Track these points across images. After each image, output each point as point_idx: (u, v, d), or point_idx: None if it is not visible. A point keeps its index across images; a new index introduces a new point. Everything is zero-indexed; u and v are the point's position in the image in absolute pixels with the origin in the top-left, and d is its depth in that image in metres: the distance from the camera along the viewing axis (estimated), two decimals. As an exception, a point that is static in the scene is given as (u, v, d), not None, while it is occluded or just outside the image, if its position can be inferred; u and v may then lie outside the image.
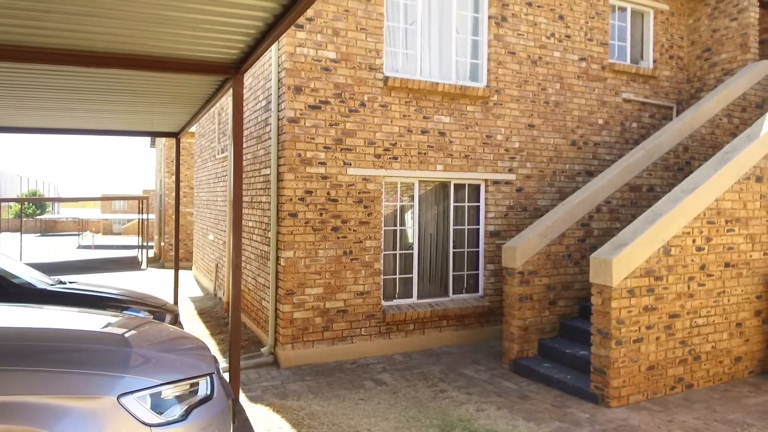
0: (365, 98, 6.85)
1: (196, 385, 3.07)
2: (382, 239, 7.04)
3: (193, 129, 15.19)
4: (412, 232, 7.35)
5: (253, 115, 7.91)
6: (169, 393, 2.92)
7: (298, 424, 4.69)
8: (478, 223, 7.76)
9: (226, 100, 10.22)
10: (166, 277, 14.34)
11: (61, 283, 6.01)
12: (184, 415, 2.89)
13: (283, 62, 6.50)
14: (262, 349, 6.74)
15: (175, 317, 5.79)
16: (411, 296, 7.32)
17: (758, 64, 8.47)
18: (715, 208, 5.79)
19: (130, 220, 42.90)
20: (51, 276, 6.32)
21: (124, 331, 3.63)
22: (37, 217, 45.46)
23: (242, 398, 5.34)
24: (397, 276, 7.25)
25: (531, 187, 7.95)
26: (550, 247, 6.63)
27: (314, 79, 6.57)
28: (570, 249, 6.79)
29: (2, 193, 41.17)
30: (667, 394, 5.53)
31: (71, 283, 6.07)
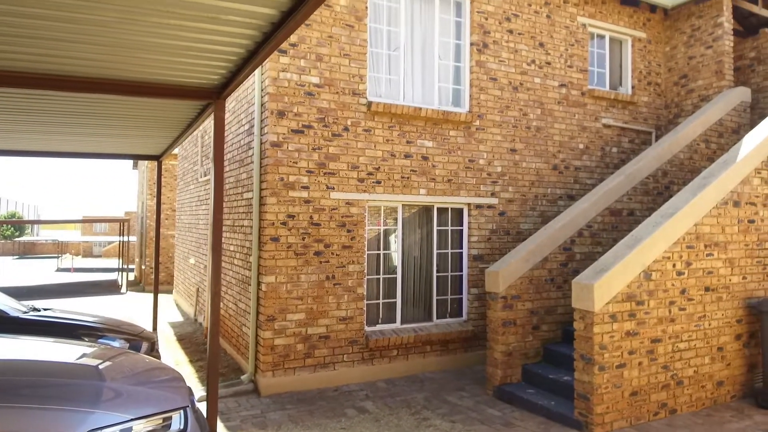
0: (349, 123, 6.86)
1: (169, 419, 2.98)
2: (366, 263, 6.99)
3: (177, 151, 15.12)
4: (396, 257, 7.32)
5: (236, 139, 7.89)
6: (140, 428, 2.83)
7: (278, 456, 4.56)
8: (461, 247, 7.76)
9: (210, 123, 10.19)
10: (146, 302, 14.08)
11: (35, 310, 5.86)
12: (157, 451, 2.80)
13: (267, 87, 6.51)
14: (242, 377, 6.61)
15: (152, 345, 5.66)
16: (394, 321, 7.25)
17: (734, 91, 8.68)
18: (694, 233, 5.85)
19: (111, 243, 42.31)
20: (26, 301, 6.16)
21: (98, 363, 3.53)
22: (16, 239, 44.61)
23: (220, 428, 5.21)
24: (381, 301, 7.19)
25: (513, 211, 7.99)
26: (533, 272, 6.63)
27: (297, 104, 6.57)
28: (552, 273, 6.81)
29: (-20, 215, 40.44)
30: (650, 420, 5.50)
31: (45, 310, 5.91)
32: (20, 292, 16.01)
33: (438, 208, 7.60)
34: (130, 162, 23.55)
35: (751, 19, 10.02)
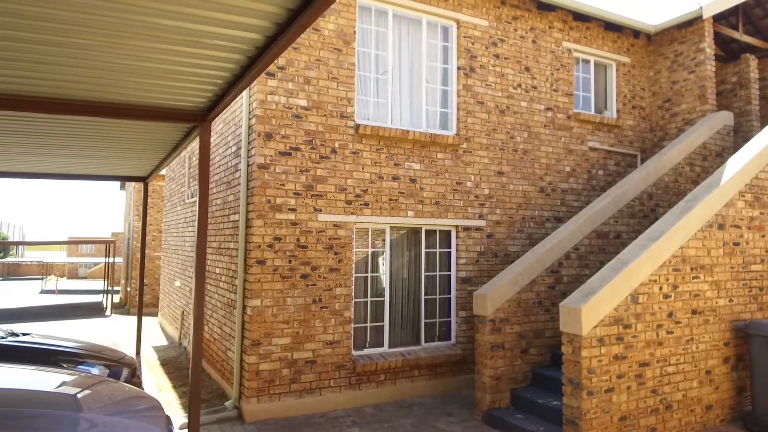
0: (336, 145, 6.87)
1: (147, 450, 2.88)
2: (353, 286, 6.93)
3: (164, 172, 15.04)
4: (384, 279, 7.27)
5: (224, 161, 7.86)
6: (116, 460, 2.73)
7: (261, 486, 4.45)
8: (449, 270, 7.73)
9: (198, 145, 10.16)
10: (131, 324, 13.86)
11: (13, 335, 5.72)
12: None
13: (254, 109, 6.51)
14: (226, 403, 6.47)
15: (133, 371, 5.53)
16: (382, 345, 7.17)
17: (717, 115, 8.82)
18: (680, 256, 5.87)
19: (97, 264, 41.80)
20: (5, 325, 6.02)
21: (75, 392, 3.44)
22: (0, 261, 43.96)
23: (203, 457, 5.07)
24: (368, 324, 7.11)
25: (501, 233, 8.00)
26: (521, 294, 6.61)
27: (285, 126, 6.57)
28: (540, 296, 6.78)
29: (-37, 236, 39.90)
30: (640, 446, 5.44)
31: (24, 335, 5.78)
32: (1, 315, 15.70)
33: (426, 230, 7.58)
34: (118, 183, 23.41)
35: (732, 45, 10.24)
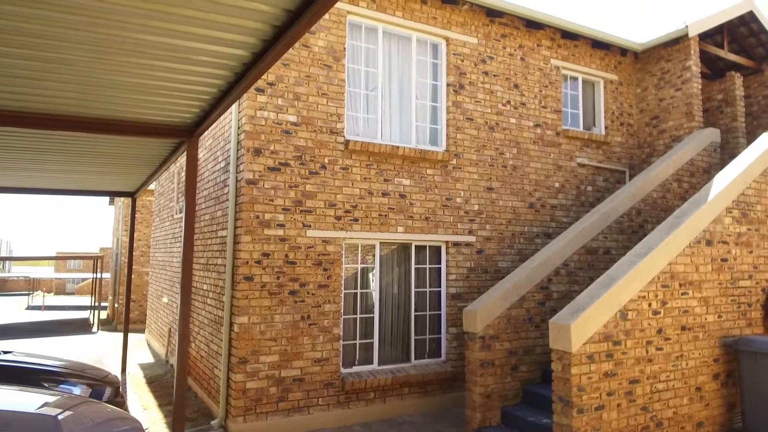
0: (326, 161, 6.86)
1: (126, 473, 2.81)
2: (342, 303, 6.88)
3: (153, 187, 14.95)
4: (373, 295, 7.22)
5: (212, 176, 7.82)
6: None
7: None
8: (439, 286, 7.70)
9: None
10: (118, 341, 13.67)
11: (-5, 353, 5.61)
12: None
13: (244, 124, 6.49)
14: (212, 422, 6.36)
15: (116, 390, 5.43)
16: (372, 362, 7.10)
17: (704, 132, 8.91)
18: (669, 272, 5.88)
19: (85, 280, 41.37)
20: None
21: (57, 413, 3.36)
22: (-14, 276, 43.43)
23: (187, 479, 4.96)
24: (358, 341, 7.04)
25: (491, 248, 7.99)
26: (511, 311, 6.58)
27: (274, 142, 6.56)
28: (530, 312, 6.76)
29: (-51, 251, 39.44)
30: (631, 464, 5.39)
31: (5, 353, 5.66)
32: (-15, 332, 15.43)
33: (416, 246, 7.56)
34: (107, 198, 23.25)
35: (718, 63, 10.39)
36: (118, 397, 5.46)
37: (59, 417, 3.30)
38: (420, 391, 7.23)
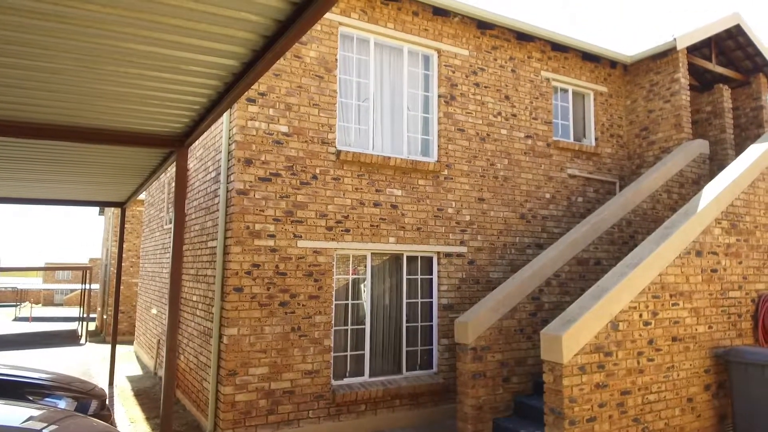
0: (317, 171, 6.84)
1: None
2: (333, 314, 6.83)
3: (143, 197, 14.86)
4: (365, 306, 7.17)
5: (203, 186, 7.77)
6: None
7: None
8: (431, 296, 7.67)
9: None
10: (106, 353, 13.49)
11: (-22, 366, 5.50)
12: None
13: (234, 134, 6.47)
14: (201, 436, 6.27)
15: (102, 403, 5.34)
16: (363, 374, 7.04)
17: (693, 143, 8.99)
18: (659, 283, 5.89)
19: (74, 291, 40.96)
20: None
21: (41, 428, 3.30)
22: (-28, 287, 42.90)
23: (174, 494, 4.87)
24: (348, 353, 6.99)
25: (483, 259, 7.98)
26: (502, 322, 6.56)
27: (265, 152, 6.54)
28: (522, 323, 6.74)
29: (-65, 262, 39.01)
30: (623, 476, 5.36)
31: (-11, 366, 5.56)
32: (-29, 344, 15.19)
33: (407, 257, 7.54)
34: (96, 208, 23.10)
35: (706, 75, 10.52)
36: (105, 410, 5.37)
37: (44, 431, 3.24)
38: (411, 403, 7.18)
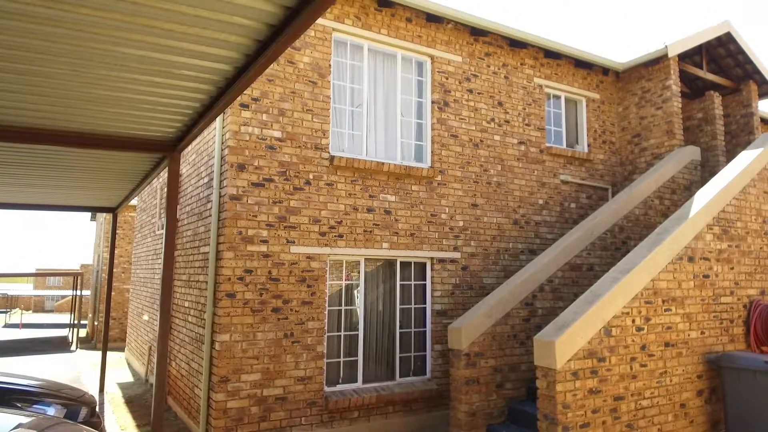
0: (311, 176, 6.83)
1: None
2: (326, 320, 6.80)
3: (135, 203, 14.79)
4: (358, 312, 7.15)
5: (196, 192, 7.74)
6: None
7: None
8: (424, 302, 7.65)
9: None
10: (97, 360, 13.37)
11: (-34, 373, 5.43)
12: None
13: (227, 140, 6.45)
14: (193, 443, 6.21)
15: (92, 410, 5.28)
16: (356, 380, 7.00)
17: (684, 150, 9.05)
18: (652, 288, 5.91)
19: (65, 297, 40.62)
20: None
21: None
22: (-38, 294, 42.45)
23: (164, 502, 4.82)
24: (341, 359, 6.95)
25: (476, 265, 7.98)
26: (496, 328, 6.55)
27: (258, 157, 6.52)
28: (515, 329, 6.74)
29: (-76, 268, 38.64)
30: (617, 483, 5.35)
31: (-22, 373, 5.49)
32: (-41, 351, 15.02)
33: (401, 263, 7.52)
34: (88, 213, 22.99)
35: (697, 82, 10.61)
36: (95, 417, 5.31)
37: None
38: (405, 409, 7.15)
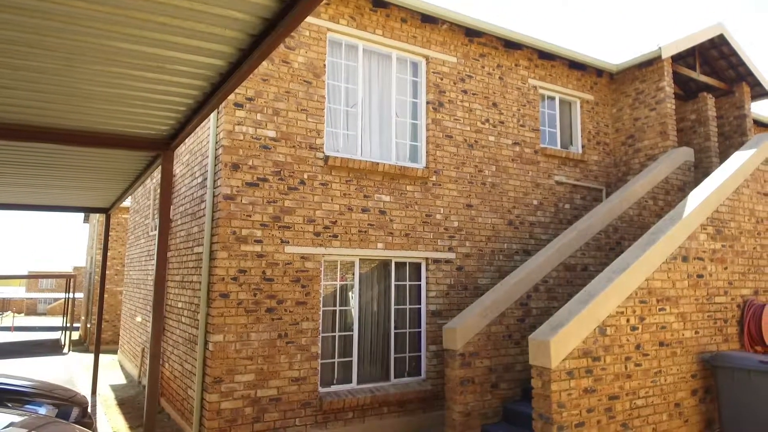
0: (305, 176, 6.81)
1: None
2: (321, 320, 6.77)
3: (129, 204, 14.72)
4: (353, 313, 7.12)
5: (189, 192, 7.70)
6: None
7: None
8: (419, 303, 7.64)
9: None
10: (89, 362, 13.27)
11: (-44, 373, 5.37)
12: None
13: (221, 139, 6.42)
14: (186, 444, 6.16)
15: (84, 411, 5.23)
16: (350, 381, 6.97)
17: (678, 151, 9.08)
18: (646, 288, 5.92)
19: (57, 300, 40.34)
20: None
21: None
22: (-47, 297, 42.06)
23: (157, 504, 4.77)
24: (336, 360, 6.92)
25: (471, 265, 7.97)
26: (491, 328, 6.54)
27: (253, 157, 6.49)
28: (510, 329, 6.73)
29: None
30: (612, 482, 5.34)
31: (-32, 374, 5.43)
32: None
33: (396, 263, 7.51)
34: (81, 215, 22.84)
35: (690, 84, 10.66)
36: (86, 417, 5.26)
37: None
38: (400, 410, 7.12)
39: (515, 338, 6.75)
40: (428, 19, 7.92)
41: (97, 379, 8.94)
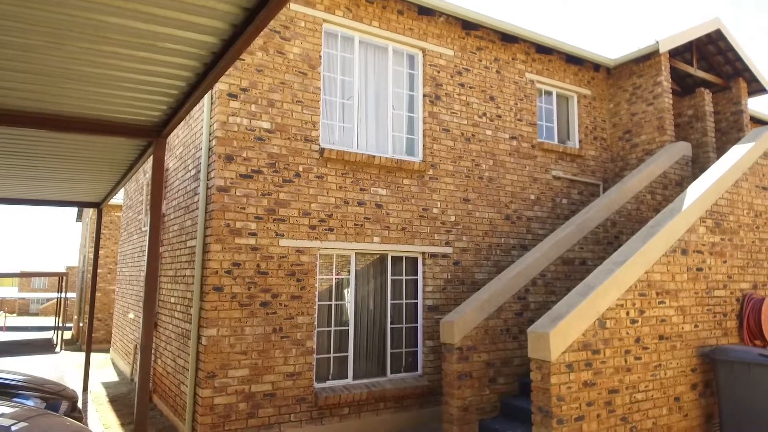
0: (300, 169, 6.70)
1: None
2: (316, 315, 6.67)
3: (121, 201, 14.57)
4: (348, 307, 7.02)
5: (183, 185, 7.58)
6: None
7: None
8: (416, 298, 7.54)
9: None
10: (81, 361, 13.11)
11: (-58, 367, 5.24)
12: None
13: (215, 131, 6.31)
14: (178, 441, 6.04)
15: (73, 405, 5.10)
16: (346, 377, 6.87)
17: (676, 145, 9.03)
18: (646, 280, 5.84)
19: (50, 300, 40.06)
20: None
21: (10, 425, 3.12)
22: (-56, 297, 41.74)
23: (148, 500, 4.65)
24: (332, 355, 6.82)
25: (468, 260, 7.89)
26: (488, 321, 6.46)
27: (247, 149, 6.39)
28: (508, 323, 6.65)
29: None
30: (612, 477, 5.26)
31: (-46, 368, 5.29)
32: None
33: (392, 257, 7.41)
34: (74, 214, 22.64)
35: (687, 80, 10.62)
36: (76, 411, 5.14)
37: (12, 428, 3.06)
38: (396, 405, 7.02)
39: (513, 332, 6.67)
40: (425, 11, 7.84)
41: (89, 376, 8.80)
